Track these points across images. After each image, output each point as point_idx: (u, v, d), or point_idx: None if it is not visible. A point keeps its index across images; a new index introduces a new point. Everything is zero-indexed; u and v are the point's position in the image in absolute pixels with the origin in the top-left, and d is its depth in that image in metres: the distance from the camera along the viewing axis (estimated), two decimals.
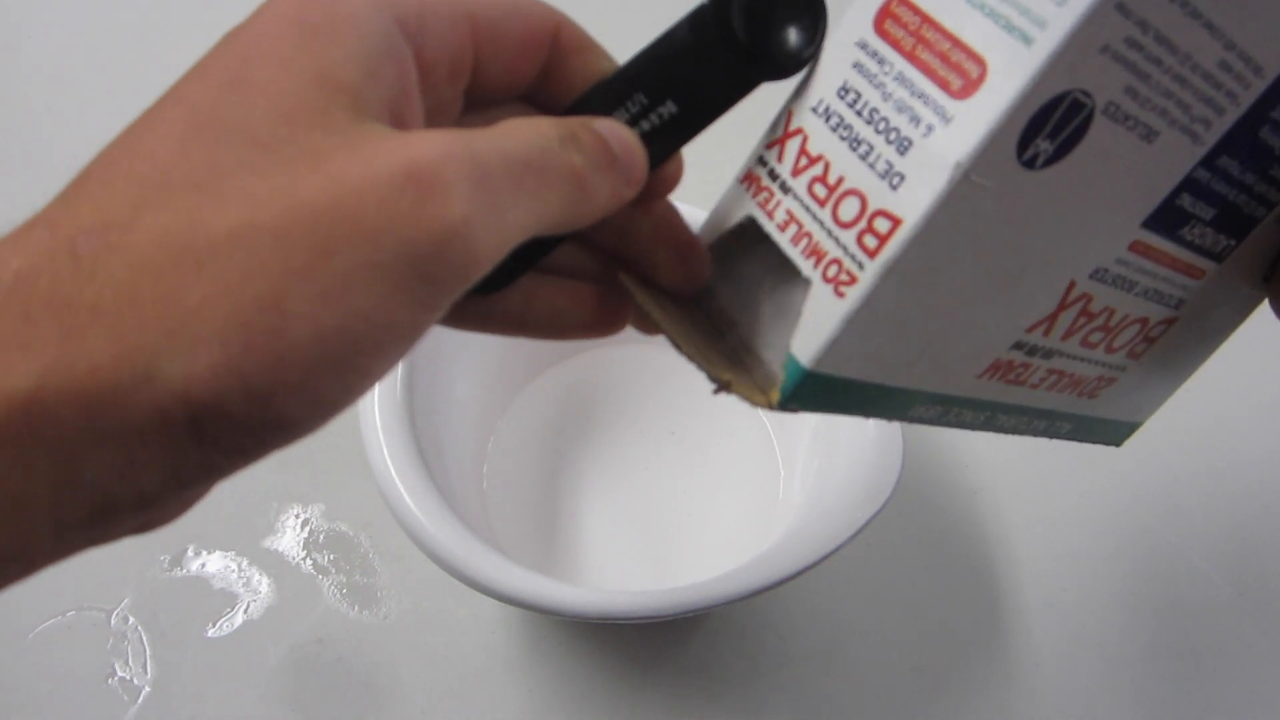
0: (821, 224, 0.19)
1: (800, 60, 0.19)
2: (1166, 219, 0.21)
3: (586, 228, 0.17)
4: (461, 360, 0.41)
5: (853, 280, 0.18)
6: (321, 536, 0.43)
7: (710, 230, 0.22)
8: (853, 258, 0.18)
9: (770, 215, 0.20)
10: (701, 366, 0.21)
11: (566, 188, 0.16)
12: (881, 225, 0.18)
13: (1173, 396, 0.30)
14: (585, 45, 0.19)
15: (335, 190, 0.13)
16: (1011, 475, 0.48)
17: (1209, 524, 0.47)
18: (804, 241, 0.19)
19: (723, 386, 0.20)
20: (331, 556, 0.43)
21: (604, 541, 0.42)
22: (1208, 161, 0.20)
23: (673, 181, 0.20)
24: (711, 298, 0.23)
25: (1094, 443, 0.29)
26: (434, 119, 0.17)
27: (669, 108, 0.19)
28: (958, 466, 0.48)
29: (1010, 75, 0.16)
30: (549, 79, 0.19)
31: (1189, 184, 0.20)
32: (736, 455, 0.45)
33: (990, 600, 0.44)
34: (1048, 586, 0.45)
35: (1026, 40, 0.16)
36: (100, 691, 0.38)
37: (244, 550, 0.43)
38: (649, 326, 0.21)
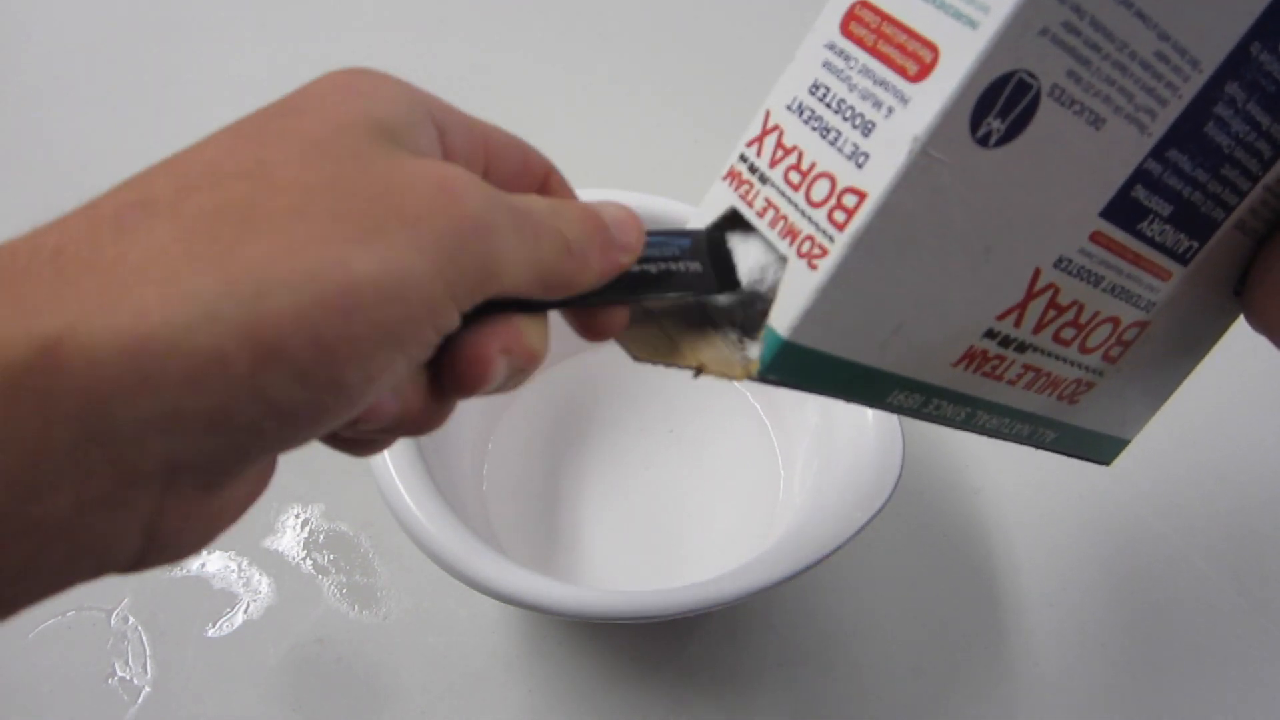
0: (796, 206, 0.21)
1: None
2: (1124, 210, 0.22)
3: (575, 297, 0.20)
4: None
5: (824, 253, 0.20)
6: (321, 536, 0.43)
7: (696, 223, 0.24)
8: (824, 232, 0.20)
9: (750, 204, 0.22)
10: (665, 363, 0.22)
11: (556, 246, 0.18)
12: (849, 201, 0.19)
13: (1170, 399, 0.30)
14: (567, 193, 0.22)
15: (382, 185, 0.15)
16: (1012, 474, 0.48)
17: (1209, 522, 0.47)
18: (781, 224, 0.21)
19: (698, 370, 0.22)
20: (331, 556, 0.43)
21: (604, 541, 0.42)
22: (1157, 154, 0.21)
23: (615, 330, 0.22)
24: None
25: (1083, 457, 0.30)
26: None
27: (694, 265, 0.22)
28: (958, 466, 0.48)
29: (959, 56, 0.18)
30: None
31: (1141, 175, 0.21)
32: (736, 455, 0.45)
33: (990, 600, 0.44)
34: (1048, 586, 0.45)
35: (972, 25, 0.18)
36: (100, 691, 0.38)
37: (244, 550, 0.43)
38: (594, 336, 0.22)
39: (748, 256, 0.22)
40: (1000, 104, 0.18)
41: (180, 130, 0.66)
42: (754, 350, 0.21)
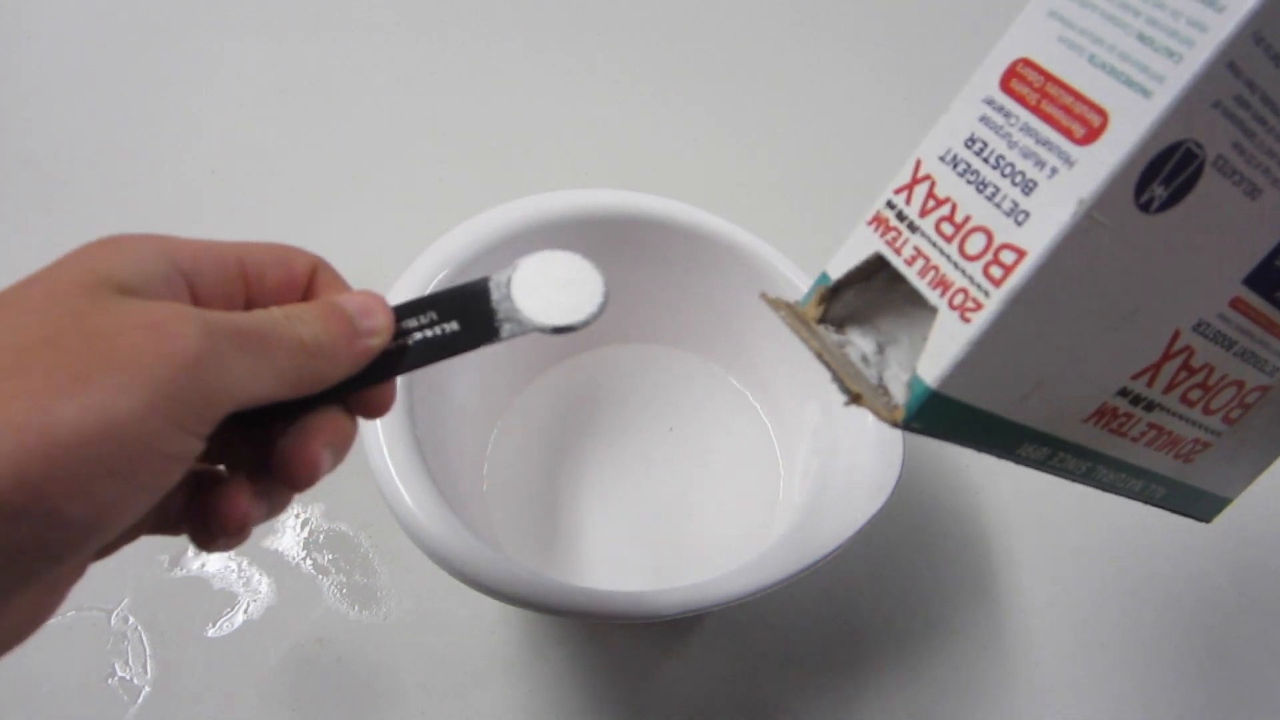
0: (948, 258, 0.21)
1: (569, 330, 0.24)
2: (1265, 278, 0.22)
3: (346, 387, 0.22)
4: (462, 360, 0.41)
5: (979, 307, 0.20)
6: (321, 536, 0.43)
7: (839, 266, 0.24)
8: (979, 286, 0.20)
9: (898, 251, 0.22)
10: (838, 379, 0.22)
11: (292, 351, 0.20)
12: (1007, 257, 0.20)
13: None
14: (336, 283, 0.23)
15: (92, 335, 0.17)
16: (1012, 475, 0.48)
17: (1209, 523, 0.47)
18: (931, 274, 0.21)
19: (853, 399, 0.22)
20: (331, 556, 0.43)
21: (604, 541, 0.42)
22: None
23: (384, 408, 0.23)
24: (850, 334, 0.25)
25: (1185, 514, 0.30)
26: None
27: (452, 326, 0.23)
28: (959, 466, 0.48)
29: (1131, 124, 0.18)
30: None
31: None
32: (736, 455, 0.45)
33: (990, 600, 0.44)
34: (1048, 586, 0.45)
35: (1146, 93, 0.18)
36: (100, 691, 0.38)
37: (244, 550, 0.43)
38: None
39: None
40: (1166, 172, 0.19)
41: (179, 130, 0.65)
42: (900, 397, 0.21)
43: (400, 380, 0.36)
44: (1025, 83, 0.20)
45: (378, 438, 0.34)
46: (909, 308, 0.22)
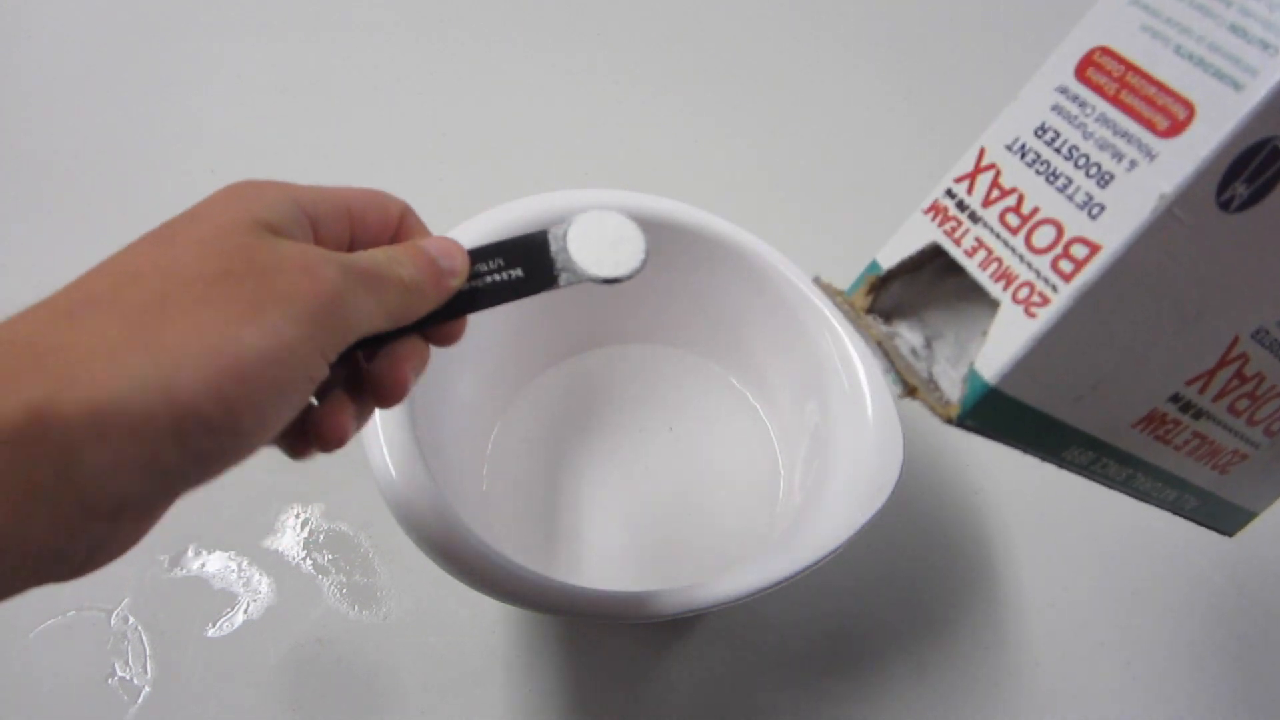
0: (1013, 250, 0.20)
1: (616, 282, 0.26)
2: None
3: (427, 319, 0.25)
4: (461, 360, 0.41)
5: (1045, 302, 0.19)
6: (321, 536, 0.43)
7: (891, 255, 0.23)
8: (1046, 281, 0.19)
9: (957, 242, 0.21)
10: (894, 370, 0.22)
11: (397, 289, 0.23)
12: (1079, 251, 0.19)
13: None
14: (418, 228, 0.26)
15: (259, 270, 0.20)
16: (1011, 475, 0.48)
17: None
18: (993, 266, 0.20)
19: (909, 392, 0.21)
20: (331, 556, 0.43)
21: (604, 541, 0.42)
22: None
23: (455, 338, 0.26)
24: (897, 327, 0.24)
25: (1211, 527, 0.30)
26: None
27: (517, 272, 0.26)
28: (958, 466, 0.48)
29: (1219, 118, 0.17)
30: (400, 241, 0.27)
31: None
32: (736, 455, 0.45)
33: (990, 600, 0.44)
34: (1048, 586, 0.45)
35: (1237, 86, 0.17)
36: (100, 691, 0.38)
37: (244, 550, 0.43)
38: None
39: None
40: (1250, 169, 0.18)
41: (179, 130, 0.65)
42: (953, 393, 0.21)
43: None
44: (1103, 72, 0.20)
45: (378, 438, 0.34)
46: (958, 302, 0.22)
